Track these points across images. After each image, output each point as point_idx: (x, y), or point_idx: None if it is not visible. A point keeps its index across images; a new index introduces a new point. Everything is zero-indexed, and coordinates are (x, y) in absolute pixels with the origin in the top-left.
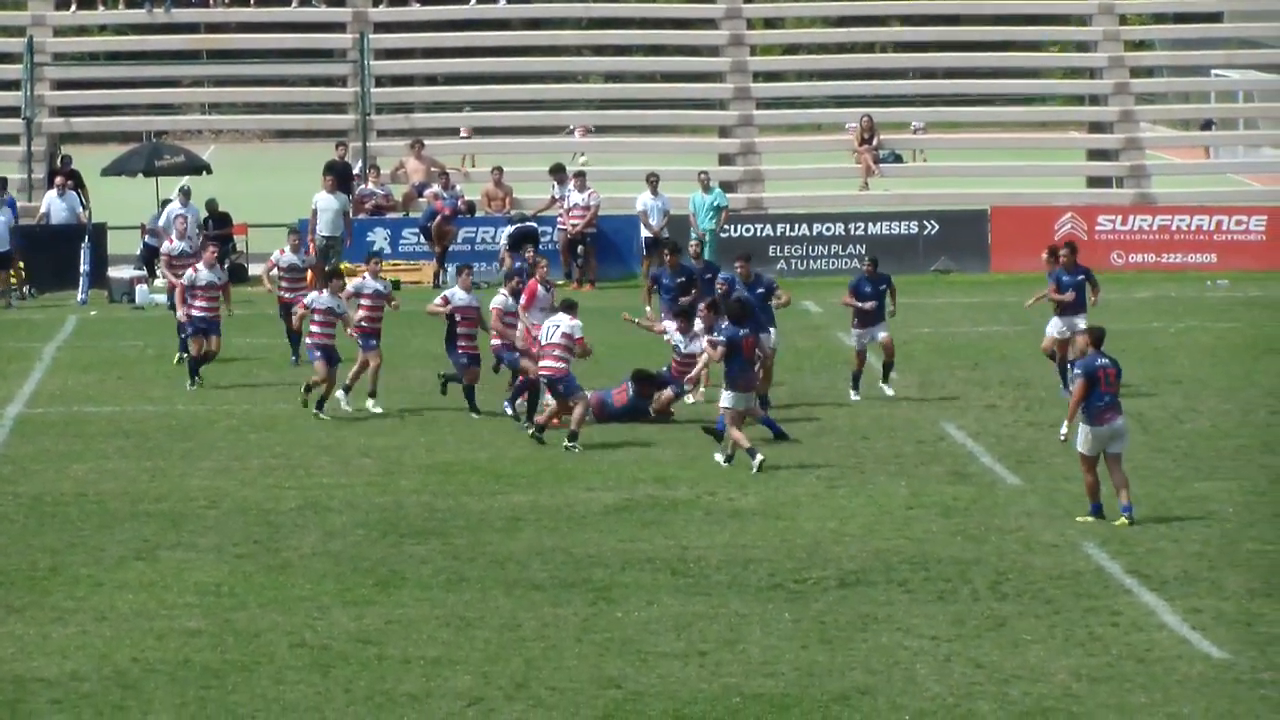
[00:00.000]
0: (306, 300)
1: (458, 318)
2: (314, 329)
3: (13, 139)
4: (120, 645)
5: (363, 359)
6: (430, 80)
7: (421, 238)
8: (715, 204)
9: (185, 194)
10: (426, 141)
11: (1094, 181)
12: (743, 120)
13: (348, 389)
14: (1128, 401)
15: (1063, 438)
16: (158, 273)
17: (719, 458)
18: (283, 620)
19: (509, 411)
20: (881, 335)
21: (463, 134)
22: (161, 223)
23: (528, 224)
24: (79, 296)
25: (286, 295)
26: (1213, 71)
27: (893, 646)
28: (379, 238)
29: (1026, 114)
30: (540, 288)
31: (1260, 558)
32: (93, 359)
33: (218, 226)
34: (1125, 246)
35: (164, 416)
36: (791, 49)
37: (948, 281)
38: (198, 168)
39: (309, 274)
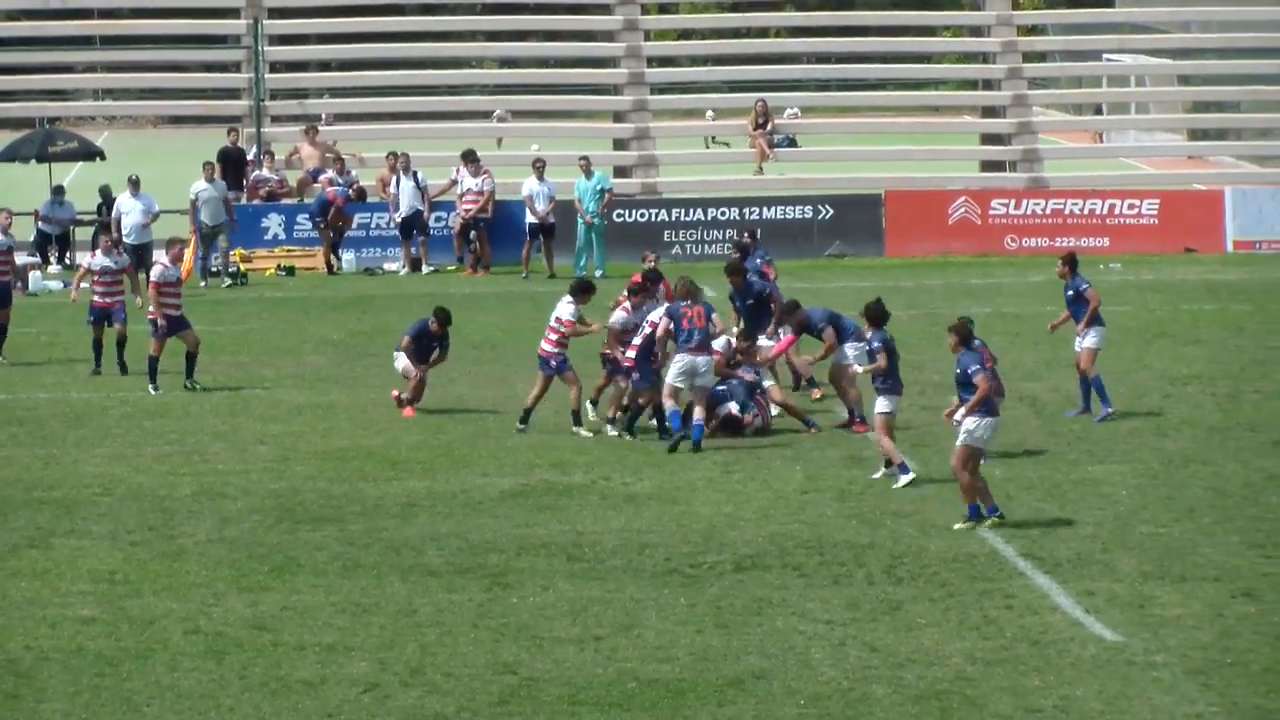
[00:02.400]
0: (565, 316)
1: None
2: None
3: None
4: (13, 633)
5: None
6: (324, 66)
7: (312, 225)
8: (599, 188)
9: (135, 185)
10: (321, 127)
11: (987, 165)
12: (637, 105)
13: (595, 402)
14: (1023, 385)
15: (961, 428)
16: (52, 259)
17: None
18: (177, 607)
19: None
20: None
21: (324, 121)
22: (114, 215)
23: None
24: None
25: (102, 300)
26: (1105, 56)
27: (788, 631)
28: (273, 223)
29: (920, 99)
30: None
31: (1153, 540)
32: None
33: (110, 213)
34: (1019, 230)
35: (57, 404)
36: (685, 34)
37: (842, 266)
38: (91, 154)
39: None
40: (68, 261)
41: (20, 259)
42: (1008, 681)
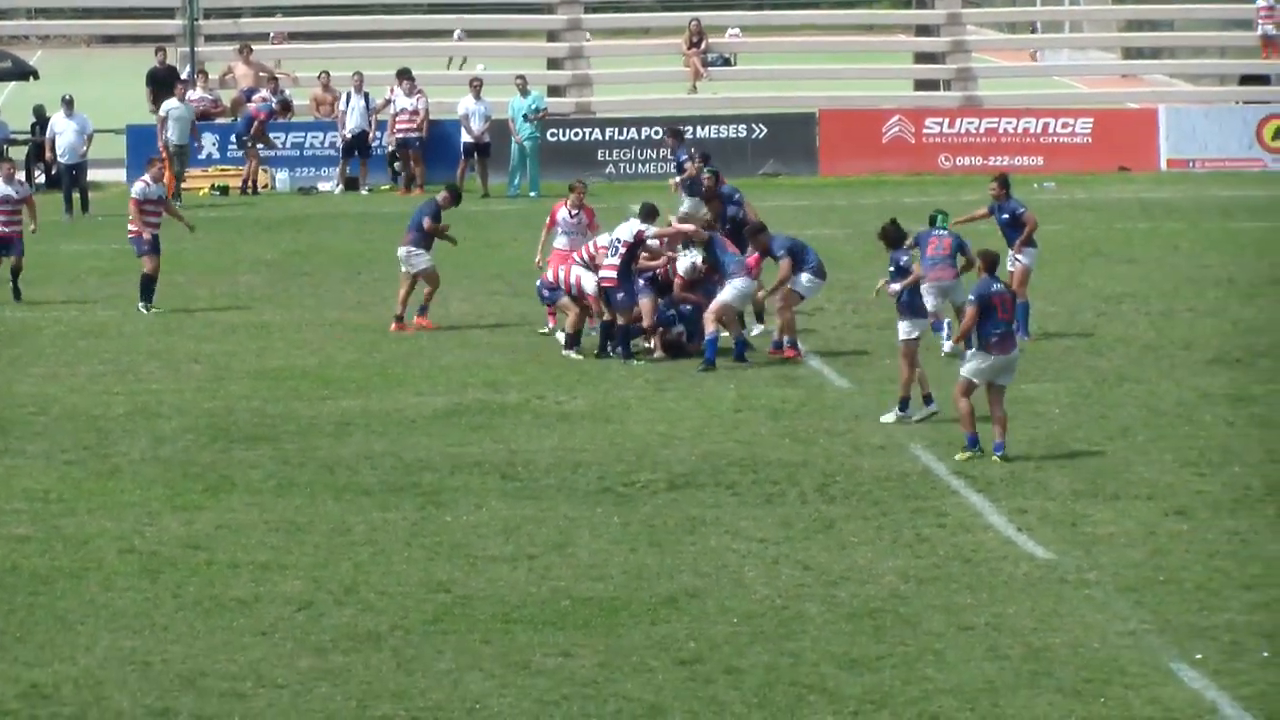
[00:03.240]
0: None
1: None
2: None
3: None
4: None
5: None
6: None
7: (239, 143)
8: (534, 106)
9: (68, 104)
10: (269, 47)
11: (921, 84)
12: (571, 24)
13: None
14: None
15: (947, 350)
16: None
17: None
18: (111, 526)
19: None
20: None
21: (273, 39)
22: (48, 135)
23: None
24: None
25: (3, 229)
26: None
27: (721, 549)
28: (207, 143)
29: (854, 17)
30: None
31: (1086, 459)
32: None
33: (44, 133)
34: (952, 149)
35: None
36: None
37: (776, 184)
38: (25, 73)
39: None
40: None
41: None
42: (940, 599)
